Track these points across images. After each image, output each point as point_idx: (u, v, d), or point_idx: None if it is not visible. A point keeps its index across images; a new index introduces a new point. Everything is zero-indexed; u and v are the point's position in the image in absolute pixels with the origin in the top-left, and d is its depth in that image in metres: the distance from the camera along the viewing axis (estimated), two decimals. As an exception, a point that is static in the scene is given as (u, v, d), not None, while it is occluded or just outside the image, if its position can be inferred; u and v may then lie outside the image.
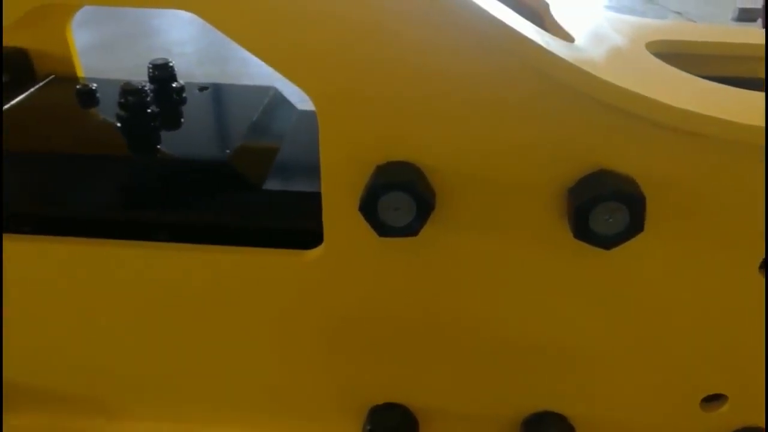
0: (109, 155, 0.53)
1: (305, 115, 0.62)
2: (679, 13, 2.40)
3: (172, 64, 0.60)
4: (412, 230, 0.43)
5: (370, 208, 0.43)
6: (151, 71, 0.59)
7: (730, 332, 0.50)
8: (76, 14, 0.66)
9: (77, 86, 0.59)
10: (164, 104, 0.58)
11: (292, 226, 0.52)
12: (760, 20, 2.23)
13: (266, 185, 0.51)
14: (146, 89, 0.54)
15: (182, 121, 0.58)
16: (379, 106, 0.42)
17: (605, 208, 0.42)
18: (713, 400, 0.54)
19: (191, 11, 0.40)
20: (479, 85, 0.41)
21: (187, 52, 2.00)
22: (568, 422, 0.56)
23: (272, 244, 0.50)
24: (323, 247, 0.48)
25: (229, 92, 0.63)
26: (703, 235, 0.46)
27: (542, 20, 0.52)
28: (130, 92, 0.54)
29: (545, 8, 0.53)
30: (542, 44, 0.40)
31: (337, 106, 0.42)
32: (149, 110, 0.54)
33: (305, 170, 0.54)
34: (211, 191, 0.52)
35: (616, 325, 0.51)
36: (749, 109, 0.43)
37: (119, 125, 0.55)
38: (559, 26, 0.49)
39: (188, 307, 0.53)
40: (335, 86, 0.42)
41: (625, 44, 0.51)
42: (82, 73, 0.67)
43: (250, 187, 0.51)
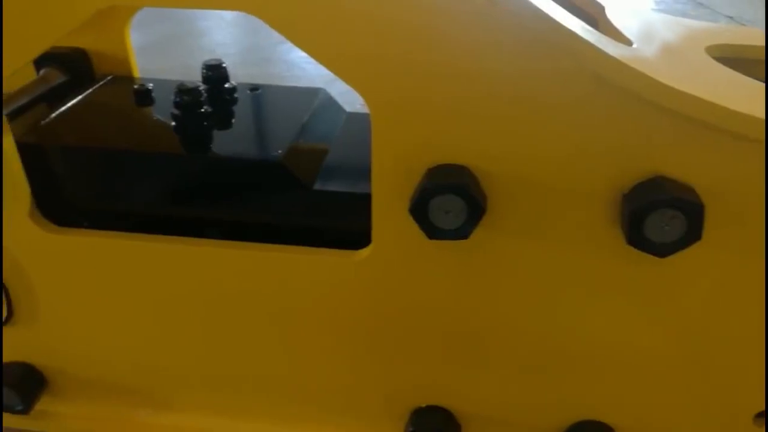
0: (164, 153, 0.54)
1: (353, 117, 0.63)
2: (730, 17, 2.34)
3: (224, 65, 0.61)
4: (462, 233, 0.43)
5: (420, 210, 0.43)
6: (204, 72, 0.61)
7: None
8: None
9: (134, 86, 0.61)
10: (217, 104, 0.59)
11: (340, 226, 0.53)
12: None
13: (316, 186, 0.52)
14: (201, 89, 0.56)
15: (234, 120, 0.59)
16: (433, 109, 0.42)
17: (662, 215, 0.41)
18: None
19: (252, 13, 0.41)
20: (535, 88, 0.41)
21: (231, 53, 2.04)
22: (613, 432, 0.55)
23: (320, 243, 0.51)
24: (371, 247, 0.49)
25: (279, 93, 0.64)
26: (759, 245, 0.44)
27: (596, 23, 0.52)
28: (185, 92, 0.55)
29: (600, 10, 0.52)
30: (601, 47, 0.39)
31: (391, 108, 0.43)
32: (203, 110, 0.55)
33: (354, 172, 0.54)
34: (262, 190, 0.53)
35: (666, 334, 0.49)
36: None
37: (174, 124, 0.56)
38: (615, 29, 0.48)
39: (236, 303, 0.54)
40: (390, 89, 0.42)
41: (684, 48, 0.50)
42: (137, 73, 0.69)
43: (300, 187, 0.52)
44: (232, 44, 2.13)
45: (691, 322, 0.49)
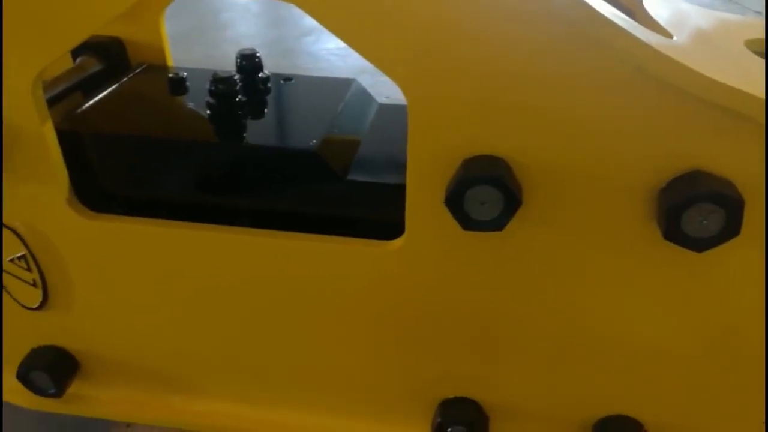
0: (199, 141, 0.55)
1: (386, 108, 0.63)
2: (759, 12, 2.29)
3: (258, 54, 0.61)
4: (498, 225, 0.43)
5: (456, 200, 0.43)
6: (239, 61, 0.61)
7: None
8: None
9: (169, 75, 0.62)
10: (251, 93, 0.59)
11: (372, 216, 0.53)
12: None
13: (350, 176, 0.52)
14: (236, 79, 0.56)
15: (268, 110, 0.59)
16: (470, 100, 0.42)
17: (700, 209, 0.40)
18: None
19: (295, 3, 0.41)
20: (573, 79, 0.40)
21: (255, 45, 2.05)
22: (643, 429, 0.54)
23: (352, 233, 0.51)
24: (404, 238, 0.49)
25: (312, 84, 0.65)
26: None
27: (633, 15, 0.51)
28: (220, 81, 0.55)
29: (637, 2, 0.51)
30: (642, 38, 0.39)
31: (429, 100, 0.43)
32: (238, 99, 0.56)
33: (386, 162, 0.55)
34: (295, 180, 0.53)
35: (700, 330, 0.49)
36: None
37: (209, 112, 0.56)
38: (654, 20, 0.48)
39: (267, 292, 0.54)
40: (429, 81, 0.42)
41: (723, 41, 0.49)
42: (171, 62, 0.69)
43: (334, 177, 0.52)
44: (256, 36, 2.13)
45: (722, 318, 0.48)
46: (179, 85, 0.61)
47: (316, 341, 0.57)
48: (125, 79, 0.63)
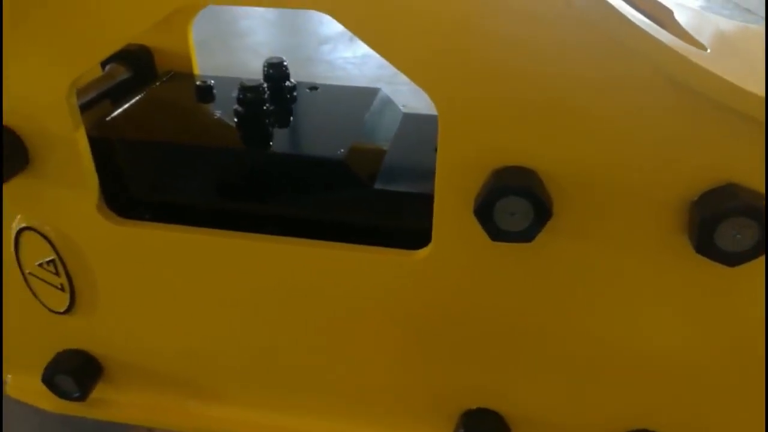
0: (228, 148, 0.55)
1: (410, 117, 0.63)
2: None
3: (286, 63, 0.62)
4: (527, 236, 0.43)
5: (486, 211, 0.43)
6: (266, 69, 0.62)
7: None
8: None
9: (197, 82, 0.62)
10: (278, 102, 0.60)
11: (398, 226, 0.53)
12: None
13: (377, 185, 0.52)
14: (263, 87, 0.57)
15: (296, 118, 0.60)
16: (502, 110, 0.42)
17: (734, 223, 0.40)
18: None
19: (324, 11, 0.42)
20: (607, 91, 0.40)
21: (273, 53, 2.07)
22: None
23: (378, 242, 0.51)
24: (431, 247, 0.49)
25: (337, 92, 0.65)
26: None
27: (664, 27, 0.51)
28: (248, 89, 0.56)
29: (668, 14, 0.51)
30: (676, 49, 0.39)
31: (459, 108, 0.43)
32: (265, 107, 0.56)
33: (412, 172, 0.55)
34: (322, 188, 0.53)
35: (729, 345, 0.48)
36: None
37: (236, 120, 0.57)
38: (686, 33, 0.47)
39: (292, 300, 0.55)
40: (459, 90, 0.42)
41: (757, 53, 0.49)
42: (197, 70, 0.70)
43: (361, 186, 0.52)
44: (274, 44, 2.15)
45: (751, 331, 0.47)
46: (207, 92, 0.62)
47: (339, 349, 0.56)
48: (153, 86, 0.64)
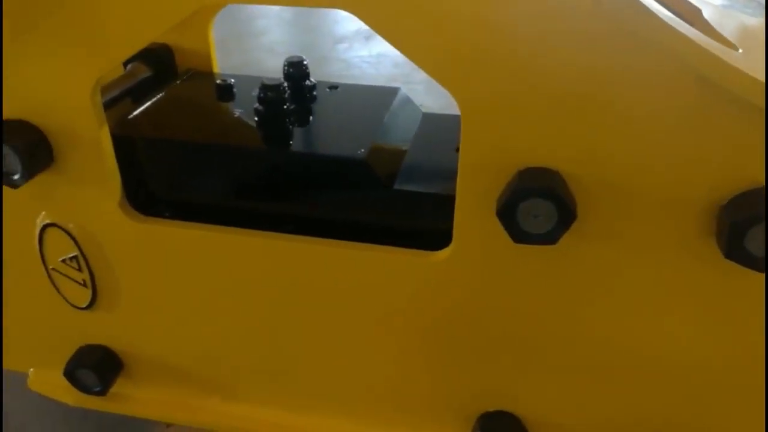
0: (248, 147, 0.55)
1: (430, 117, 0.63)
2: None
3: (306, 62, 0.62)
4: (550, 239, 0.43)
5: (509, 212, 0.42)
6: (286, 68, 0.62)
7: None
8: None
9: (217, 81, 0.62)
10: (298, 101, 0.60)
11: (418, 226, 0.53)
12: None
13: (396, 185, 0.52)
14: (284, 86, 0.57)
15: (316, 117, 0.60)
16: (526, 110, 0.42)
17: (765, 228, 0.39)
18: None
19: (348, 10, 0.41)
20: (636, 90, 0.40)
21: (288, 52, 2.07)
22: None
23: (397, 243, 0.51)
24: (451, 248, 0.49)
25: (357, 92, 0.65)
26: None
27: (694, 26, 0.50)
28: (269, 88, 0.56)
29: (697, 13, 0.50)
30: (708, 49, 0.38)
31: (483, 109, 0.42)
32: (286, 106, 0.56)
33: (432, 172, 0.54)
34: (343, 188, 0.53)
35: (749, 350, 0.48)
36: None
37: (257, 119, 0.57)
38: (716, 32, 0.46)
39: (312, 299, 0.55)
40: (483, 91, 0.42)
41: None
42: (217, 68, 0.70)
43: (381, 186, 0.52)
44: (290, 43, 2.15)
45: None
46: (227, 91, 0.62)
47: (357, 349, 0.56)
48: (173, 85, 0.64)
